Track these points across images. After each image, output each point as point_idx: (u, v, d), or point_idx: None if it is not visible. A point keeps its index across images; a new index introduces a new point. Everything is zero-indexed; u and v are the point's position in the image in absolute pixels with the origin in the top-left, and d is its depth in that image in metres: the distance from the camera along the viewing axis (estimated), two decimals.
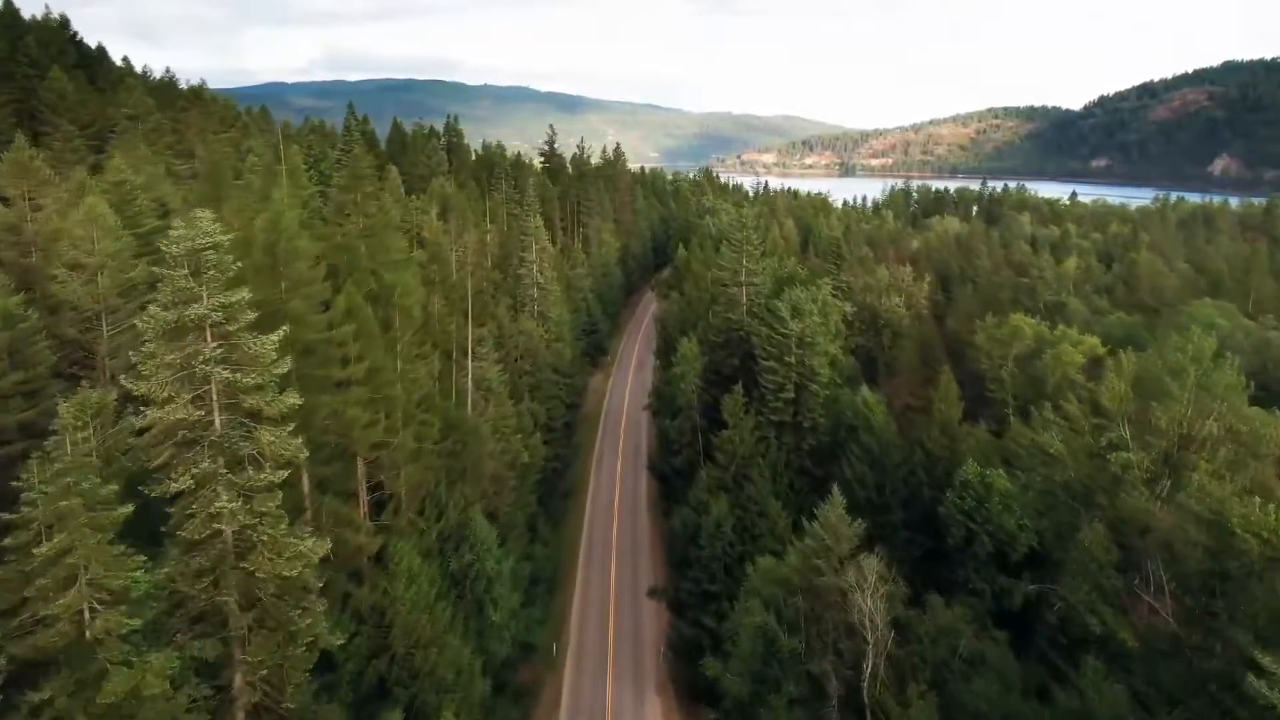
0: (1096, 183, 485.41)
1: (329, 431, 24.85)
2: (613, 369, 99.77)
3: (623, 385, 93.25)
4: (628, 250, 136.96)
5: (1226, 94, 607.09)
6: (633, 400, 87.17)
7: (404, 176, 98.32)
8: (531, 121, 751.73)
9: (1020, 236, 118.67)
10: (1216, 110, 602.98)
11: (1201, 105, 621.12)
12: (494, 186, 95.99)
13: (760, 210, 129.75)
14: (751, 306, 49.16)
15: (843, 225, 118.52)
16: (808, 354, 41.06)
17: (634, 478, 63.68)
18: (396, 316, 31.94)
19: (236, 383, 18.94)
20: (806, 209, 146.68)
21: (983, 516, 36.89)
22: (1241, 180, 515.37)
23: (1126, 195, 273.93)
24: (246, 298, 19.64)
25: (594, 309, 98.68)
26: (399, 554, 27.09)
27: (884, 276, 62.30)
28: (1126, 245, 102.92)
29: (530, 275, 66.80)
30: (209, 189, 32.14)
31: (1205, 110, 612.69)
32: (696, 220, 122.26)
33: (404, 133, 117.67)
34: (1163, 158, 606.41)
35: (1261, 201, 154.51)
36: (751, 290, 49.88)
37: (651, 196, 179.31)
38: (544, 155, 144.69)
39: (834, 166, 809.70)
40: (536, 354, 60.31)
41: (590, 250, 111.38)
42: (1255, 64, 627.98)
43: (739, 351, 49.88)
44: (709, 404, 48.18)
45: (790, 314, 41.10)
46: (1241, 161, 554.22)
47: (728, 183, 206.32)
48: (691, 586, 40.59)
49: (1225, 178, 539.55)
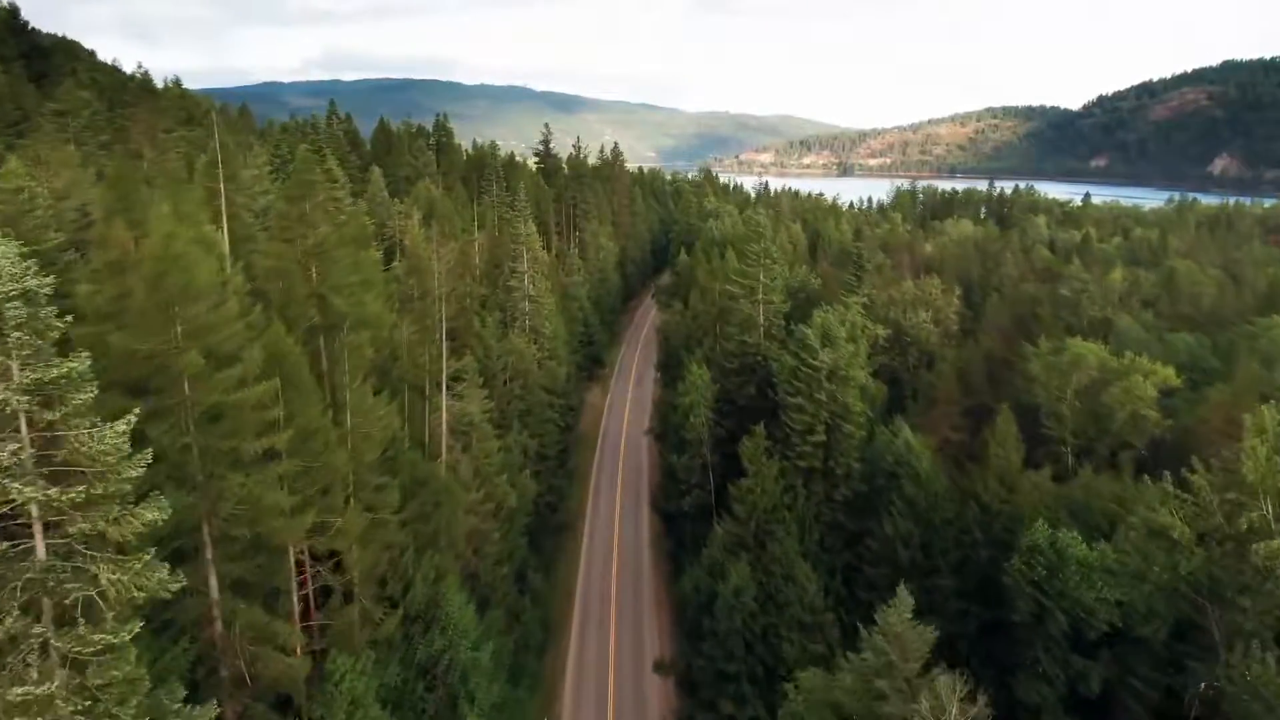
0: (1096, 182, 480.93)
1: (240, 522, 18.72)
2: (611, 383, 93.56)
3: (622, 401, 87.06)
4: (626, 254, 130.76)
5: (1226, 93, 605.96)
6: (633, 419, 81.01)
7: (388, 178, 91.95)
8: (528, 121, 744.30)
9: (1038, 240, 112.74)
10: (1216, 110, 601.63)
11: (1201, 105, 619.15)
12: (484, 189, 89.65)
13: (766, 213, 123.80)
14: (770, 327, 42.96)
15: (852, 228, 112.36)
16: (840, 389, 34.95)
17: (635, 514, 57.44)
18: (347, 355, 25.75)
19: (56, 500, 12.69)
20: (814, 211, 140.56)
21: (1056, 589, 30.85)
22: (1242, 180, 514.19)
23: (1127, 195, 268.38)
24: (83, 367, 13.39)
25: (591, 319, 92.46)
26: (338, 671, 20.95)
27: (909, 290, 56.18)
28: (1155, 251, 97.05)
29: (521, 287, 60.54)
30: (113, 198, 25.92)
31: (1204, 110, 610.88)
32: (699, 224, 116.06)
33: (391, 132, 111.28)
34: (1162, 157, 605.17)
35: (1276, 202, 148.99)
36: (770, 309, 43.63)
37: (650, 198, 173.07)
38: (539, 155, 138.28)
39: (832, 166, 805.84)
40: (527, 375, 54.06)
41: (587, 256, 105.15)
42: (1254, 63, 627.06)
43: (755, 378, 43.76)
44: (722, 438, 42.07)
45: (820, 342, 34.89)
46: (1241, 161, 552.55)
47: (729, 183, 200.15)
48: (706, 664, 34.47)
49: (1225, 177, 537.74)
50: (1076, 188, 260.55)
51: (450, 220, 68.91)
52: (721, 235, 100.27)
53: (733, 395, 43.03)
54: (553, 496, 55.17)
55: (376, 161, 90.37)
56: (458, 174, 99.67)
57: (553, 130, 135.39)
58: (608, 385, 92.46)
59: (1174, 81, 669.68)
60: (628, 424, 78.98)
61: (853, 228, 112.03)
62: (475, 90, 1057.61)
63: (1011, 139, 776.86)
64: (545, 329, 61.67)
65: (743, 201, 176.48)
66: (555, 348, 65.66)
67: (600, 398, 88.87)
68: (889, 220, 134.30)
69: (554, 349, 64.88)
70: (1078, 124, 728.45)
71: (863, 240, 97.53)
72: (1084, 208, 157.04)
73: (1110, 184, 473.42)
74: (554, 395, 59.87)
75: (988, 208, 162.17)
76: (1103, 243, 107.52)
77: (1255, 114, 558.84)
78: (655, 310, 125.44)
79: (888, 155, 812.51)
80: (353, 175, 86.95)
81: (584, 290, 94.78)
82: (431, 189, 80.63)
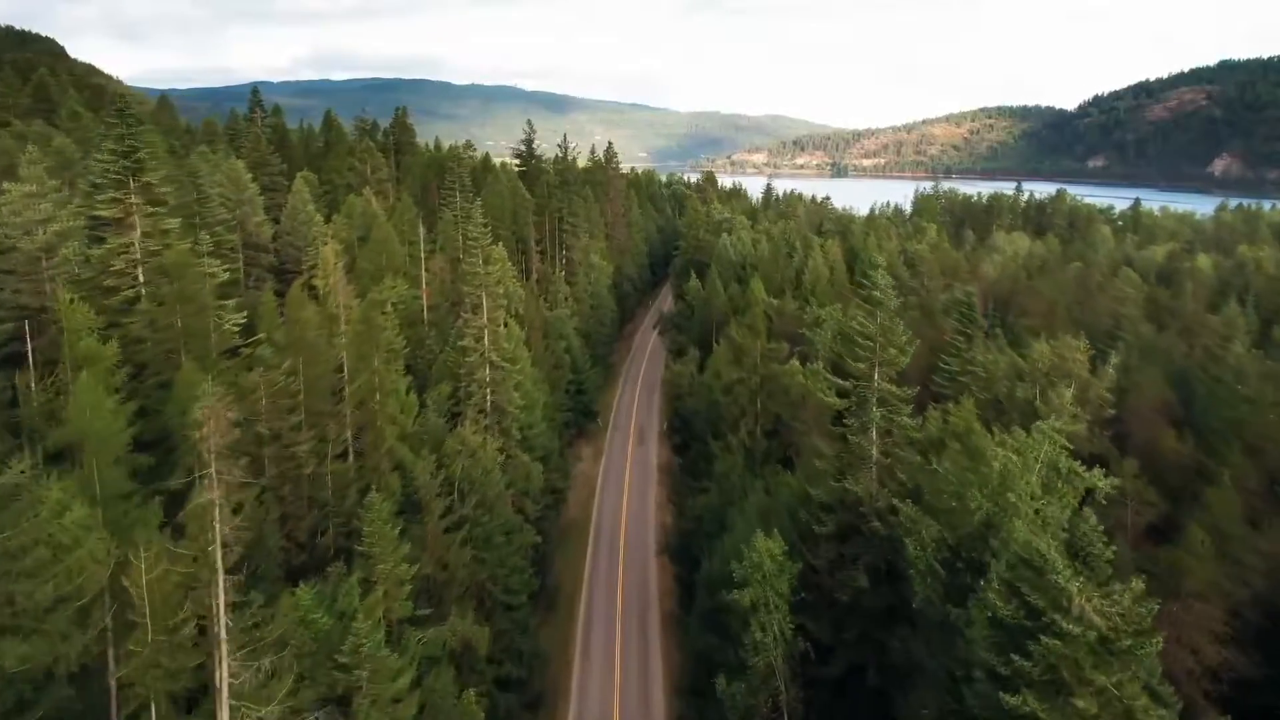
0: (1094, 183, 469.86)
1: None
2: (606, 440, 75.27)
3: (619, 469, 68.85)
4: (621, 272, 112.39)
5: (1224, 93, 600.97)
6: (635, 498, 62.89)
7: (325, 186, 73.34)
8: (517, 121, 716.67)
9: (1107, 256, 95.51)
10: (1215, 109, 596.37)
11: (1199, 104, 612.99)
12: (446, 201, 71.09)
13: (786, 226, 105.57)
14: (893, 465, 24.64)
15: (895, 245, 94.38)
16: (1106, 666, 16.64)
17: (644, 691, 38.92)
18: None
19: None
20: (835, 220, 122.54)
21: None
22: (1244, 181, 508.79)
23: (1127, 196, 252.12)
24: None
25: (580, 361, 74.23)
26: None
27: (1044, 354, 38.15)
28: (1270, 275, 79.36)
29: (480, 349, 42.17)
30: None
31: (1203, 110, 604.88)
32: (708, 238, 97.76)
33: (341, 129, 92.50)
34: (1161, 157, 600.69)
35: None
36: (890, 438, 24.79)
37: (647, 203, 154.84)
38: (519, 157, 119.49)
39: (825, 167, 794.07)
40: (485, 493, 35.75)
41: (576, 279, 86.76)
42: (1252, 63, 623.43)
43: (866, 555, 25.56)
44: (808, 655, 24.08)
45: (1061, 556, 15.97)
46: (1243, 161, 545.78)
47: (735, 186, 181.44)
48: None
49: (1227, 178, 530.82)
50: (1077, 188, 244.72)
51: (388, 248, 50.49)
52: (740, 255, 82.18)
53: (820, 579, 24.76)
54: (520, 669, 36.89)
55: (312, 166, 71.58)
56: (417, 181, 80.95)
57: (544, 130, 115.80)
58: (602, 446, 74.22)
59: (1171, 81, 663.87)
60: (628, 508, 60.83)
61: (896, 244, 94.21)
62: (465, 90, 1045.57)
63: (1007, 139, 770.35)
64: (514, 405, 43.35)
65: (749, 209, 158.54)
66: (530, 422, 47.44)
67: (593, 463, 70.63)
68: (921, 230, 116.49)
69: (527, 427, 46.59)
70: (1073, 124, 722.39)
71: (915, 263, 79.94)
72: (1135, 214, 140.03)
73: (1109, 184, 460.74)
74: (525, 506, 41.62)
75: (1022, 214, 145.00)
76: (1186, 259, 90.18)
77: (1255, 114, 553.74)
78: (656, 335, 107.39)
79: (882, 155, 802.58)
80: (276, 184, 68.24)
81: (572, 324, 76.58)
82: (371, 203, 62.10)
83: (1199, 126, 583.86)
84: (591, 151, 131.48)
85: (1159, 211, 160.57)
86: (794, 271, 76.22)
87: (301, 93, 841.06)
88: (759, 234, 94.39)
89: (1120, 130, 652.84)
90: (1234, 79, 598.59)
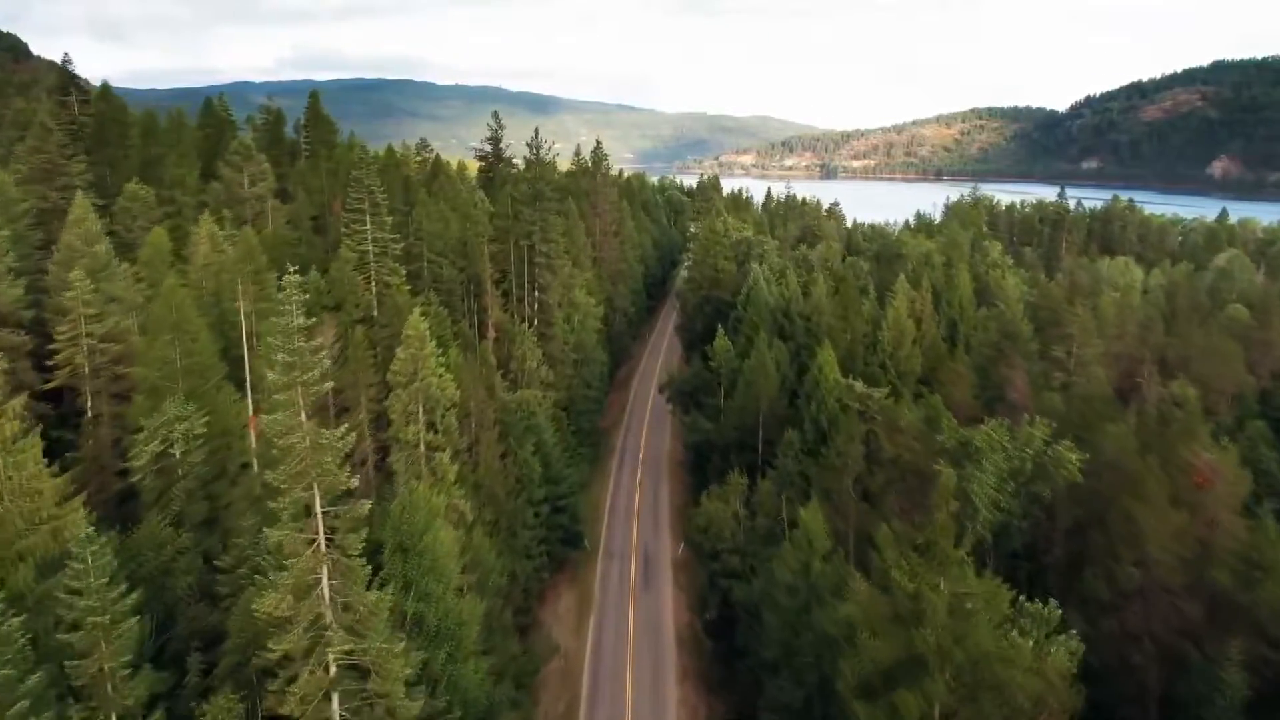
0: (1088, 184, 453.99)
1: None
2: (595, 583, 50.62)
3: (617, 639, 44.36)
4: (613, 304, 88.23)
5: (1220, 94, 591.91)
6: (638, 698, 38.76)
7: (166, 207, 48.40)
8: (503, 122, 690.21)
9: (1254, 289, 72.95)
10: (1210, 110, 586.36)
11: (1195, 105, 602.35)
12: (350, 229, 46.20)
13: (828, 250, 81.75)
14: None
15: (967, 274, 71.03)
16: None
17: None
18: None
19: None
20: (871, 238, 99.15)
21: None
22: (1244, 182, 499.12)
23: (1127, 198, 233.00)
24: None
25: (555, 464, 49.82)
26: None
27: None
28: None
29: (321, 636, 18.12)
30: None
31: (1199, 111, 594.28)
32: (729, 267, 73.56)
33: (226, 119, 67.49)
34: (1157, 158, 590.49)
35: None
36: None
37: (641, 213, 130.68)
38: (483, 160, 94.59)
39: (814, 168, 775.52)
40: None
41: (552, 330, 62.19)
42: (1246, 64, 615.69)
43: None
44: None
45: None
46: (1243, 163, 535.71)
47: (737, 192, 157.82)
48: None
49: (1227, 180, 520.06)
50: (1074, 191, 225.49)
51: (193, 339, 26.02)
52: (782, 299, 58.11)
53: None
54: None
55: (142, 174, 46.31)
56: (314, 198, 56.00)
57: (526, 130, 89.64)
58: (590, 587, 49.68)
59: (1164, 82, 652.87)
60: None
61: (971, 277, 70.87)
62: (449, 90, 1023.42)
63: (999, 140, 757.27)
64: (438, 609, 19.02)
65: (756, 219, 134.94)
66: (470, 615, 23.39)
67: (575, 623, 46.15)
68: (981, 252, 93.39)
69: (471, 618, 22.52)
70: (1066, 125, 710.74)
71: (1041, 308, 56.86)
72: (1216, 226, 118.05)
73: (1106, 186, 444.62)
74: None
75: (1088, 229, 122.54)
76: None
77: (1252, 115, 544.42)
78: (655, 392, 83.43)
79: (872, 157, 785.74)
80: None
81: (547, 406, 52.21)
82: (212, 232, 37.31)
83: (1195, 128, 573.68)
84: (577, 152, 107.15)
85: (1208, 220, 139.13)
86: (868, 325, 52.67)
87: (284, 93, 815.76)
88: (810, 269, 70.48)
89: (1113, 131, 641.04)
90: (1229, 80, 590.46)
